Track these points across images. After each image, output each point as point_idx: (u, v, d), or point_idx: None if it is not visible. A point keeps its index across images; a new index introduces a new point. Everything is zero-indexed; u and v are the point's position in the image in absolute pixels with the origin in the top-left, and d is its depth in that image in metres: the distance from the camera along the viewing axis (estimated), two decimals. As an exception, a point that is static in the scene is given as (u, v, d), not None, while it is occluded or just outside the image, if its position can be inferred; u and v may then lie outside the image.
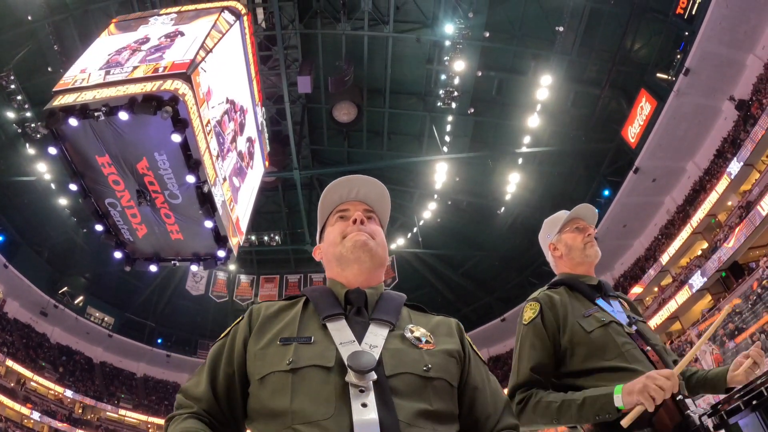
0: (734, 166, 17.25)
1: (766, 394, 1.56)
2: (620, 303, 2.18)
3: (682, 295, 19.83)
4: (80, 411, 28.41)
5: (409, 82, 22.42)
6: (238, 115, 12.81)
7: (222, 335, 1.40)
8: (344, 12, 19.71)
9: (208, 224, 11.33)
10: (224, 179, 11.56)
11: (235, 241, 13.19)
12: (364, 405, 1.11)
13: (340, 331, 1.26)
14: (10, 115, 20.44)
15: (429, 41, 20.54)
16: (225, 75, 11.66)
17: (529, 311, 2.12)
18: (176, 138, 9.04)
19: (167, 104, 8.62)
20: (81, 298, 29.92)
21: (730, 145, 18.78)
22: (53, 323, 29.23)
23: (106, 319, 30.97)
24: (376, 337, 1.26)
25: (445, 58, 20.04)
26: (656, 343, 2.03)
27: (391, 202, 1.63)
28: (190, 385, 1.34)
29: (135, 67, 9.52)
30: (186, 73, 9.09)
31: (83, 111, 8.98)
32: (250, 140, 13.77)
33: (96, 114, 8.85)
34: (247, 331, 1.34)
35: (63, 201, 24.67)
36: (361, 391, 1.13)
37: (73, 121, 8.95)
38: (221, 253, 12.45)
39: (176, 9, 11.98)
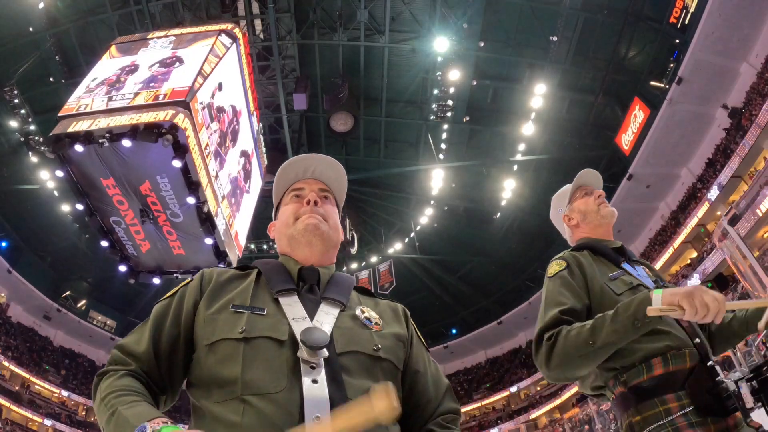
0: (723, 178, 17.55)
1: None
2: (643, 269, 2.08)
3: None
4: (83, 413, 28.83)
5: (405, 90, 22.70)
6: (235, 123, 13.16)
7: (168, 294, 1.35)
8: (341, 23, 20.00)
9: (209, 241, 11.72)
10: (223, 197, 11.92)
11: (235, 254, 13.58)
12: (314, 381, 1.11)
13: (292, 306, 1.26)
14: (13, 124, 20.72)
15: (425, 51, 20.82)
16: (224, 92, 12.03)
17: (555, 266, 2.01)
18: (177, 164, 9.40)
19: (168, 133, 8.97)
20: (83, 302, 30.33)
21: (722, 155, 19.07)
22: (56, 327, 29.67)
23: (108, 322, 31.37)
24: (328, 315, 1.26)
25: (438, 74, 20.33)
26: None
27: (389, 208, 1.76)
28: (129, 341, 1.27)
29: (136, 94, 9.88)
30: (185, 101, 9.43)
31: (88, 137, 9.35)
32: (246, 155, 14.11)
33: (100, 141, 9.19)
34: (198, 294, 1.31)
35: (66, 208, 24.97)
36: (312, 368, 1.13)
37: (78, 147, 9.30)
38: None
39: (175, 32, 12.28)
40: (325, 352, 1.15)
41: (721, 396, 1.61)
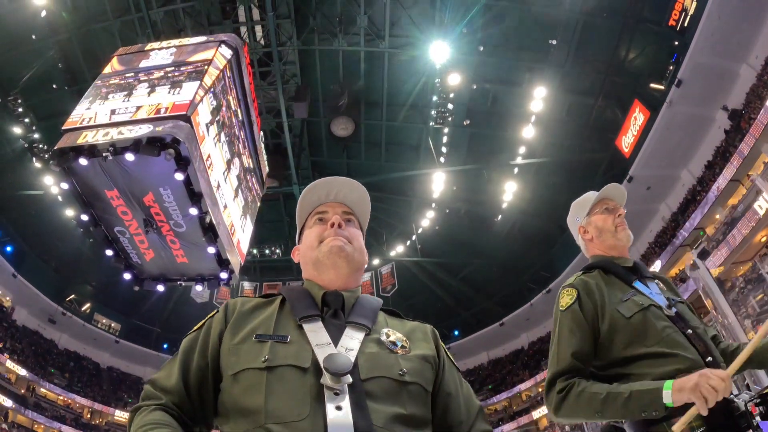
0: (722, 181, 17.63)
1: None
2: (657, 284, 2.10)
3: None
4: (89, 416, 29.07)
5: (405, 94, 22.79)
6: (236, 132, 13.32)
7: (196, 327, 1.38)
8: (341, 28, 20.12)
9: (211, 250, 11.88)
10: (225, 206, 12.08)
11: (237, 261, 13.75)
12: (338, 408, 1.10)
13: (316, 332, 1.26)
14: (18, 130, 20.89)
15: (424, 55, 20.92)
16: (224, 102, 12.19)
17: (566, 297, 2.03)
18: (179, 176, 9.55)
19: (170, 146, 9.11)
20: (88, 305, 30.54)
21: (721, 158, 19.13)
22: (61, 330, 29.92)
23: (112, 325, 31.59)
24: (352, 340, 1.25)
25: (437, 80, 20.45)
26: (697, 326, 1.94)
27: (390, 211, 1.78)
28: (160, 376, 1.30)
29: (138, 107, 10.02)
30: (186, 115, 9.57)
31: (91, 151, 9.48)
32: (247, 163, 14.26)
33: (104, 154, 9.35)
34: (223, 325, 1.32)
35: (69, 213, 25.17)
36: (336, 394, 1.12)
37: (82, 161, 9.46)
38: (224, 275, 13.02)
39: (175, 43, 12.42)
40: (349, 378, 1.15)
41: (733, 414, 1.66)
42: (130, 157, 9.28)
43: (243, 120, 13.48)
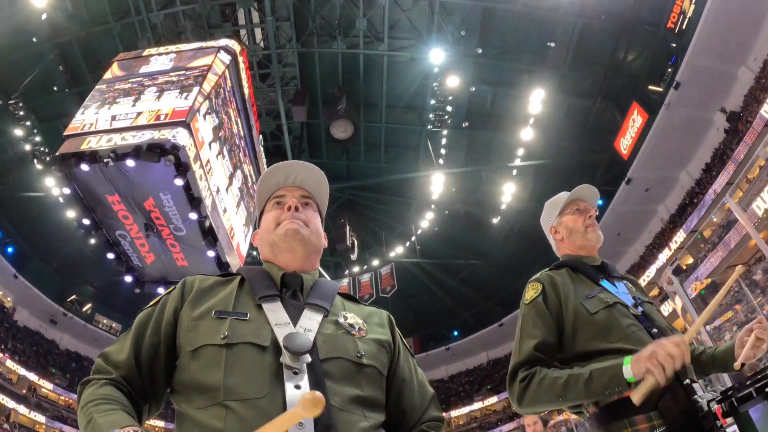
0: (717, 186, 17.69)
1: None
2: (626, 284, 2.11)
3: (665, 310, 20.07)
4: (90, 416, 29.15)
5: (404, 96, 22.86)
6: (235, 137, 13.45)
7: (151, 303, 1.38)
8: (340, 31, 20.22)
9: (211, 254, 12.01)
10: (224, 210, 12.20)
11: (237, 264, 13.87)
12: (297, 387, 1.11)
13: (275, 312, 1.26)
14: (19, 132, 20.98)
15: (423, 58, 21.00)
16: (224, 108, 12.31)
17: (530, 291, 2.05)
18: (179, 182, 9.67)
19: (170, 153, 9.22)
20: (89, 305, 30.64)
21: (719, 160, 19.19)
22: (62, 330, 29.97)
23: (113, 326, 31.65)
24: (311, 321, 1.26)
25: (435, 84, 20.54)
26: (663, 326, 1.95)
27: (390, 213, 1.76)
28: (112, 350, 1.30)
29: (139, 113, 10.14)
30: (185, 121, 9.69)
31: (93, 157, 9.61)
32: (246, 168, 14.38)
33: (105, 160, 9.47)
34: (179, 302, 1.32)
35: (71, 214, 25.23)
36: (295, 373, 1.13)
37: (84, 167, 9.58)
38: (223, 278, 13.15)
39: (175, 48, 12.54)
40: (308, 358, 1.16)
41: (698, 415, 1.65)
42: (130, 163, 9.42)
43: (243, 128, 13.63)
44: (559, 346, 1.93)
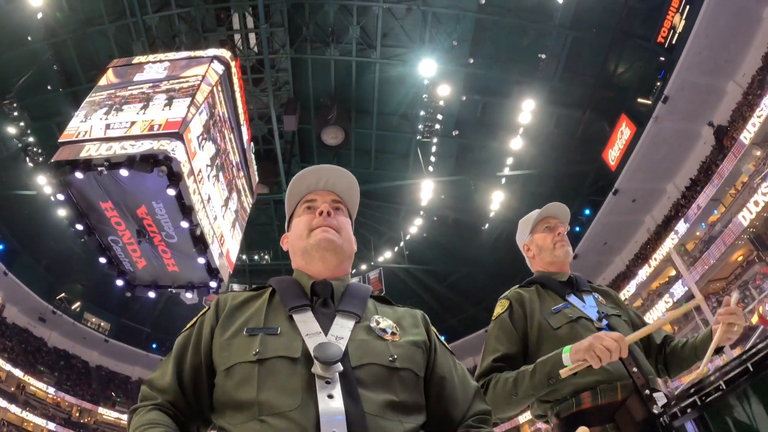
0: (702, 200, 18.03)
1: (698, 402, 1.50)
2: (595, 298, 2.15)
3: (649, 319, 20.20)
4: (77, 414, 29.20)
5: (396, 103, 23.07)
6: (227, 146, 13.64)
7: (188, 325, 1.38)
8: (333, 38, 20.44)
9: (201, 260, 12.19)
10: (215, 218, 12.39)
11: (226, 270, 14.06)
12: (330, 396, 1.11)
13: (306, 322, 1.26)
14: (12, 130, 20.98)
15: (415, 66, 21.21)
16: (216, 118, 12.50)
17: (498, 307, 2.12)
18: (171, 192, 9.85)
19: (162, 163, 9.41)
20: (78, 304, 30.63)
21: (704, 174, 19.53)
22: (51, 328, 29.96)
23: (102, 324, 31.67)
24: (342, 328, 1.26)
25: (425, 96, 20.77)
26: None
27: (379, 218, 1.82)
28: (155, 377, 1.31)
29: (132, 122, 10.31)
30: (178, 132, 9.87)
31: (87, 165, 9.77)
32: (237, 175, 14.58)
33: (99, 169, 9.63)
34: (214, 321, 1.33)
35: (61, 212, 25.25)
36: (327, 383, 1.13)
37: (78, 175, 9.75)
38: (213, 284, 13.37)
39: (169, 56, 12.70)
40: (340, 366, 1.15)
41: (656, 426, 1.67)
42: (124, 172, 9.58)
43: (236, 144, 13.83)
44: (524, 360, 2.00)
